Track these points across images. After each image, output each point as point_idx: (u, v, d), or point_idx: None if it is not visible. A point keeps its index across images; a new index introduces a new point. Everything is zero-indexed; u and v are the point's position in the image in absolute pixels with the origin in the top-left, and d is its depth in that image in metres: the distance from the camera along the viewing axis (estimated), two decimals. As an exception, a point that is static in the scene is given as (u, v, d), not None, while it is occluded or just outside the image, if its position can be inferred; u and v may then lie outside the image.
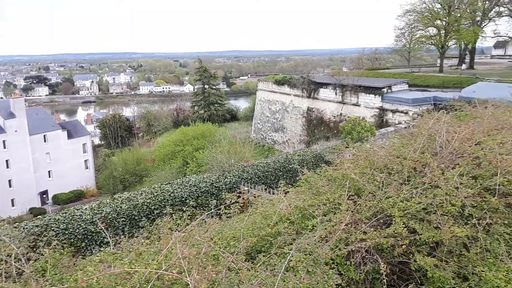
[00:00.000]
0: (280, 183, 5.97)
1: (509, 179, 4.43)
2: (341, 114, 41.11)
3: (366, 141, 16.10)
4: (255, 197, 6.52)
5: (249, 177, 15.22)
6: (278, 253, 3.46)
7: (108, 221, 11.21)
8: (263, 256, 3.44)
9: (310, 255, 3.19)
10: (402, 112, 34.38)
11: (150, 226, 5.57)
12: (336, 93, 41.58)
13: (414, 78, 45.97)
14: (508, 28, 57.47)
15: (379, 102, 36.88)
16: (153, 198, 12.60)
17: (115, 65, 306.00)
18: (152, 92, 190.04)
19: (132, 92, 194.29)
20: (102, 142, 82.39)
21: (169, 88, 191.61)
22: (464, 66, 58.41)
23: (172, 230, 4.12)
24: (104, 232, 9.50)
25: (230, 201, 5.50)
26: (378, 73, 53.53)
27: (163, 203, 12.68)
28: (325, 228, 3.60)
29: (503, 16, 55.49)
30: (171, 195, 12.98)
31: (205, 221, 4.52)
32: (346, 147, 7.28)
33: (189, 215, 4.88)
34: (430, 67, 62.46)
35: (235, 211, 4.98)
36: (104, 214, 11.24)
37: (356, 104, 39.43)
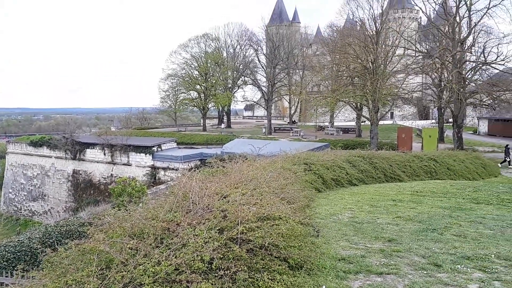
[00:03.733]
0: (17, 268, 4.95)
1: (250, 227, 4.98)
2: (111, 175, 39.46)
3: (137, 202, 15.72)
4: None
5: (-7, 262, 12.32)
6: None
7: None
8: None
9: None
10: (173, 169, 35.74)
11: None
12: (105, 153, 39.91)
13: (182, 137, 49.28)
14: (253, 94, 69.92)
15: (151, 161, 37.40)
16: None
17: None
18: None
19: None
20: None
21: None
22: (223, 125, 66.80)
23: None
24: None
25: None
26: (148, 132, 54.88)
27: None
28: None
29: (248, 84, 67.10)
30: None
31: None
32: (105, 215, 6.80)
33: None
34: (195, 126, 68.49)
35: None
36: None
37: (127, 164, 38.78)
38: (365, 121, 46.06)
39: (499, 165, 27.60)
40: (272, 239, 4.88)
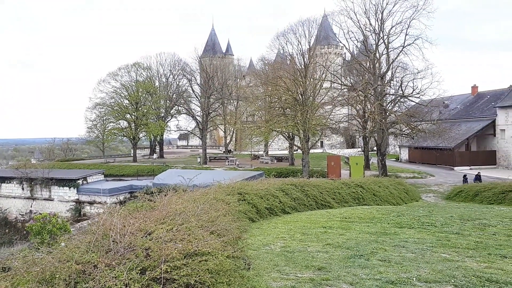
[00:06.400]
0: None
1: (175, 265, 4.71)
2: (31, 211, 36.22)
3: (58, 241, 14.40)
4: None
5: None
6: None
7: None
8: None
9: None
10: (100, 203, 33.69)
11: None
12: (23, 188, 36.66)
13: (110, 168, 46.92)
14: (187, 123, 69.20)
15: (75, 195, 34.98)
16: None
17: None
18: None
19: None
20: None
21: None
22: (155, 156, 64.86)
23: None
24: None
25: None
26: (72, 164, 51.63)
27: None
28: None
29: (182, 113, 66.35)
30: None
31: None
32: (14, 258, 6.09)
33: None
34: (125, 157, 65.78)
35: None
36: None
37: (49, 199, 35.90)
38: (297, 150, 47.48)
39: None
40: (199, 276, 4.65)
